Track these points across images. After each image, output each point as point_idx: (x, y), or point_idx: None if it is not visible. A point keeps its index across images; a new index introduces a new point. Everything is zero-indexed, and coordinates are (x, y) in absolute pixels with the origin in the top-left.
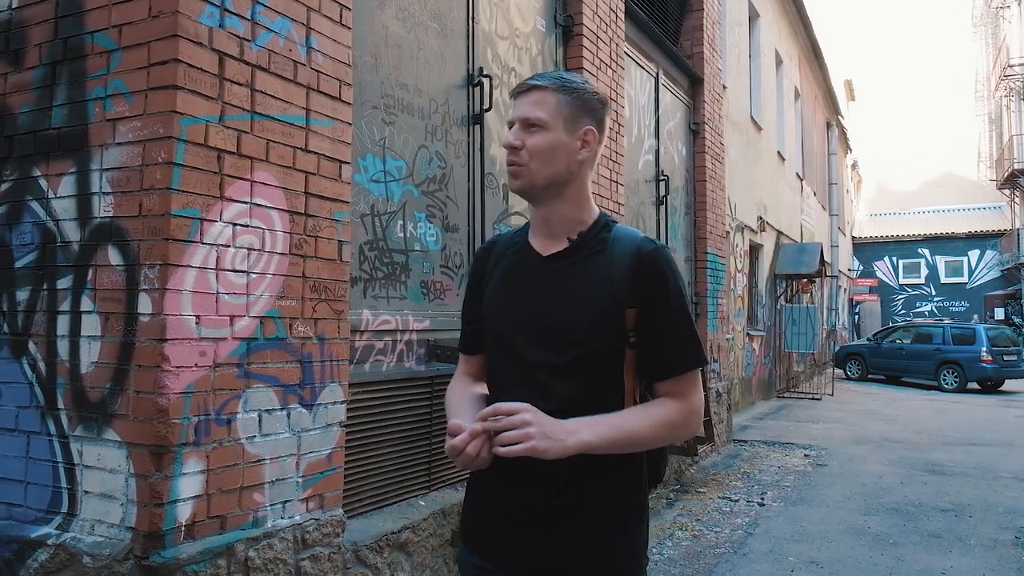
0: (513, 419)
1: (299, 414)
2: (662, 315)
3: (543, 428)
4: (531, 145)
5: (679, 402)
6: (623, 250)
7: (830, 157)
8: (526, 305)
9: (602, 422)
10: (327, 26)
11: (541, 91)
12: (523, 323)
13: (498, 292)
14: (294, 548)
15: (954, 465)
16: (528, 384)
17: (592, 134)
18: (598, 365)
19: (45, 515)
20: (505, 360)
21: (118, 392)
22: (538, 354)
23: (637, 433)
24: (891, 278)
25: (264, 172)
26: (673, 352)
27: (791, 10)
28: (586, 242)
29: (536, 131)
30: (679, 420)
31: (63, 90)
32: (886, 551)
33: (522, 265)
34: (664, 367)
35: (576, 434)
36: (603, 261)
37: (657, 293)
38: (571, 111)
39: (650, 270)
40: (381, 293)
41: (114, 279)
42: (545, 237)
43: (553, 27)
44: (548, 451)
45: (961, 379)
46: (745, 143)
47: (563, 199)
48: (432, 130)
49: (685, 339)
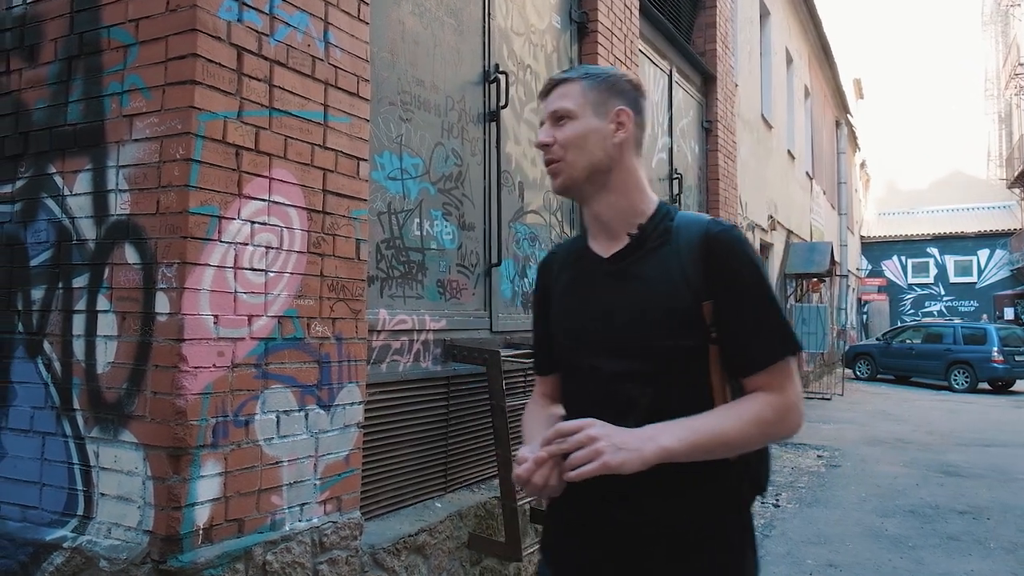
0: (578, 437)
1: (317, 415)
2: (743, 302)
3: (613, 440)
4: (562, 137)
5: (773, 396)
6: (689, 237)
7: (839, 156)
8: (595, 312)
9: (683, 424)
10: (345, 21)
11: (565, 84)
12: (593, 333)
13: (564, 304)
14: (312, 552)
15: (969, 467)
16: (607, 398)
17: (626, 114)
18: (680, 369)
19: (61, 517)
20: (579, 374)
21: (135, 393)
22: (613, 364)
23: (726, 434)
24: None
25: (282, 169)
26: (760, 341)
27: (801, 8)
28: (648, 235)
29: (565, 123)
30: (774, 416)
31: (79, 86)
32: (905, 554)
33: (584, 271)
34: (752, 359)
35: (654, 440)
36: (669, 253)
37: (733, 279)
38: (597, 95)
39: (722, 254)
40: (398, 292)
41: (131, 278)
42: (603, 237)
43: (568, 24)
44: (624, 464)
45: (972, 379)
46: (756, 141)
47: (610, 189)
48: (448, 127)
49: (772, 325)
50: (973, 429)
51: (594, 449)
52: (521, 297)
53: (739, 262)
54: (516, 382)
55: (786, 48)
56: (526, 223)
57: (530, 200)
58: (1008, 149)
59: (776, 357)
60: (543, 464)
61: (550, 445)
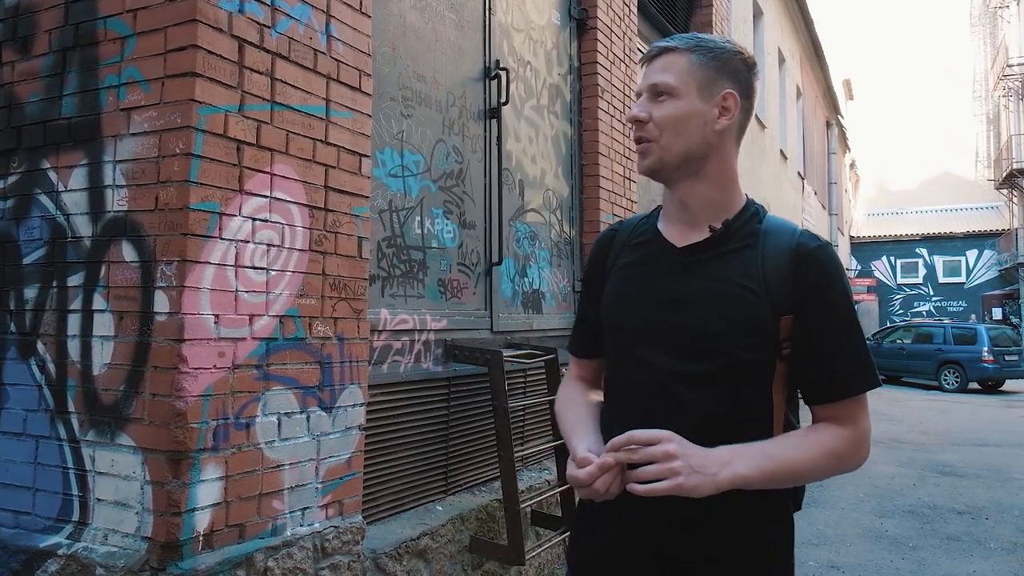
0: (653, 451)
1: (319, 417)
2: (828, 325)
3: (690, 461)
4: (659, 117)
5: (845, 429)
6: (778, 245)
7: (830, 156)
8: (658, 303)
9: (758, 451)
10: (347, 14)
11: (671, 53)
12: (654, 324)
13: (623, 286)
14: (314, 557)
15: (965, 467)
16: (661, 395)
17: (733, 99)
18: (743, 378)
19: (55, 524)
20: (631, 365)
21: (133, 395)
22: (672, 361)
23: (799, 465)
24: (889, 278)
25: (284, 165)
26: (842, 370)
27: (793, 8)
28: (732, 233)
29: (665, 100)
30: (845, 451)
31: (74, 78)
32: (906, 555)
33: (651, 256)
34: (831, 387)
35: (730, 466)
36: (753, 257)
37: (822, 299)
38: (706, 73)
39: (814, 271)
40: (399, 291)
41: (129, 276)
42: (681, 224)
43: (568, 20)
44: (697, 488)
45: (962, 379)
46: (750, 141)
47: (702, 178)
48: (449, 124)
49: (856, 354)
50: (966, 429)
51: (670, 468)
52: (522, 297)
53: (831, 282)
54: (517, 383)
55: (779, 48)
56: (526, 222)
57: (530, 198)
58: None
59: (857, 389)
60: (608, 471)
61: (619, 451)
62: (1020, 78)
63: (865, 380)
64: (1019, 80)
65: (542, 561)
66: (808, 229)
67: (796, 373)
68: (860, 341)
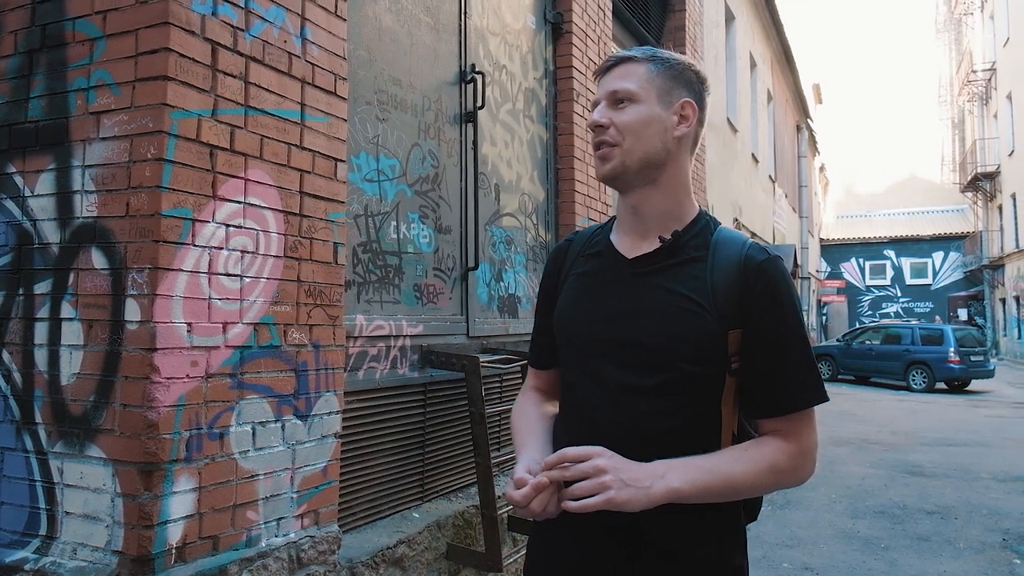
0: (584, 467)
1: (294, 426)
2: (776, 339)
3: (621, 475)
4: (621, 122)
5: (789, 444)
6: (727, 258)
7: (800, 159)
8: (607, 315)
9: (695, 465)
10: (322, 17)
11: (629, 63)
12: (603, 337)
13: (573, 298)
14: (289, 568)
15: (934, 467)
16: (612, 408)
17: (691, 107)
18: (692, 393)
19: (21, 538)
20: (583, 378)
21: (103, 405)
22: (622, 375)
23: (737, 480)
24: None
25: (258, 170)
26: (789, 384)
27: (764, 13)
28: (682, 244)
29: (626, 105)
30: (788, 465)
31: (41, 80)
32: (878, 555)
33: (602, 268)
34: (776, 402)
35: (663, 479)
36: (702, 270)
37: (770, 313)
38: (664, 81)
39: (761, 284)
40: (375, 297)
41: (98, 284)
42: (633, 234)
43: (543, 24)
44: (629, 502)
45: (930, 379)
46: (722, 144)
47: (658, 186)
48: (425, 128)
49: (803, 369)
50: (935, 429)
51: (600, 482)
52: (497, 301)
53: (779, 296)
54: (493, 388)
55: (750, 52)
56: (502, 226)
57: (506, 203)
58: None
59: (803, 404)
60: (542, 491)
61: (552, 470)
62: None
63: (811, 395)
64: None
65: (519, 567)
66: (757, 242)
67: (742, 386)
68: (807, 355)
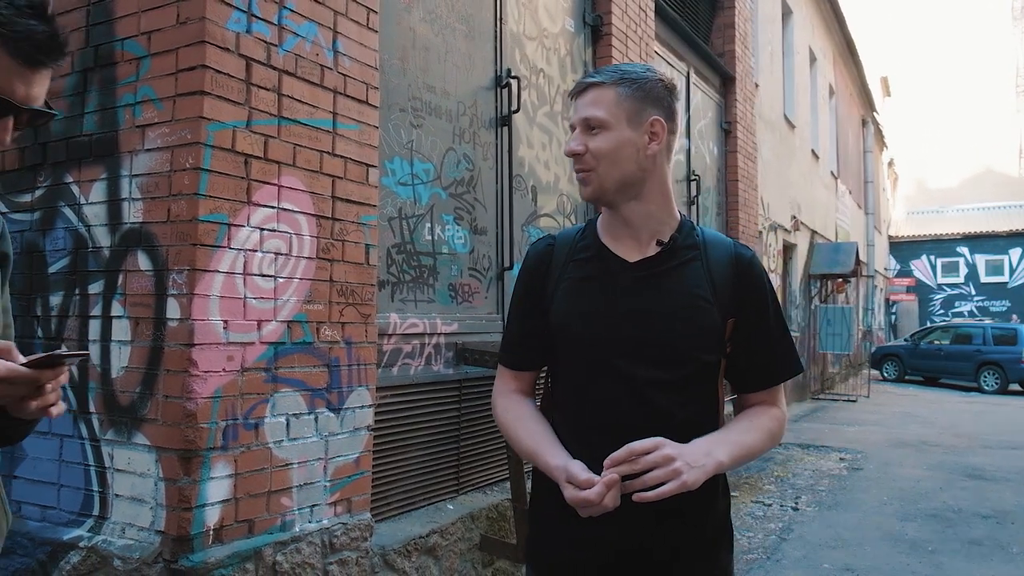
0: (654, 457)
1: (326, 418)
2: (764, 324)
3: (686, 459)
4: (594, 148)
5: (777, 410)
6: (719, 256)
7: (865, 155)
8: (625, 316)
9: (728, 440)
10: (354, 30)
11: (598, 88)
12: (622, 336)
13: (577, 301)
14: (322, 552)
15: (995, 470)
16: (637, 404)
17: (660, 124)
18: (704, 379)
19: (77, 517)
20: (603, 377)
21: (147, 396)
22: (645, 371)
23: (754, 448)
24: (929, 277)
25: (291, 176)
26: (775, 361)
27: (825, 7)
28: (678, 246)
29: (598, 132)
30: (779, 430)
31: (94, 97)
32: (924, 559)
33: (603, 271)
34: (765, 377)
35: (712, 455)
36: (701, 268)
37: (758, 302)
38: (632, 104)
39: (751, 278)
40: (409, 296)
41: (143, 284)
42: (628, 240)
43: (582, 27)
44: (697, 482)
45: (1002, 381)
46: (778, 141)
47: (643, 199)
48: (460, 132)
49: (785, 347)
50: (1001, 431)
51: (674, 469)
52: None
53: (763, 287)
54: None
55: (809, 47)
56: (539, 226)
57: (543, 203)
58: None
59: (787, 376)
60: (614, 486)
61: (620, 465)
62: None
63: (793, 368)
64: None
65: None
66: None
67: (733, 366)
68: (787, 336)
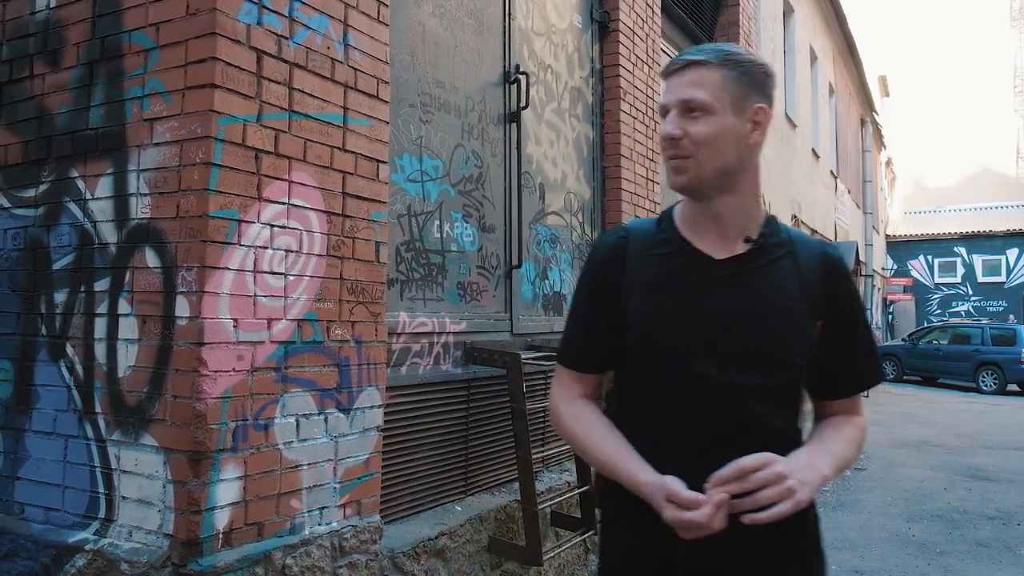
0: (765, 475)
1: (336, 419)
2: (854, 328)
3: (798, 476)
4: (695, 133)
5: (861, 419)
6: (809, 255)
7: (864, 154)
8: (710, 317)
9: (826, 451)
10: (365, 23)
11: (701, 67)
12: (710, 338)
13: (659, 299)
14: (331, 555)
15: (998, 470)
16: (730, 412)
17: (764, 113)
18: (796, 384)
19: (83, 520)
20: (688, 381)
21: (155, 396)
22: (738, 375)
23: (847, 458)
24: (926, 277)
25: (302, 172)
26: (863, 367)
27: (825, 5)
28: (768, 243)
29: (699, 116)
30: (863, 438)
31: (100, 90)
32: (933, 560)
33: (688, 268)
34: (853, 383)
35: (817, 470)
36: (793, 267)
37: (849, 304)
38: (738, 88)
39: (842, 279)
40: (418, 295)
41: (151, 281)
42: (714, 236)
43: (590, 23)
44: (808, 500)
45: (1001, 381)
46: (779, 140)
47: (735, 192)
48: (469, 128)
49: (873, 353)
50: (1002, 432)
51: (787, 487)
52: (542, 299)
53: (853, 289)
54: (536, 385)
55: (810, 46)
56: (547, 224)
57: (551, 201)
58: None
59: (870, 383)
60: (723, 506)
61: (728, 484)
62: None
63: (878, 375)
64: None
65: (562, 562)
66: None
67: (817, 371)
68: (873, 341)
